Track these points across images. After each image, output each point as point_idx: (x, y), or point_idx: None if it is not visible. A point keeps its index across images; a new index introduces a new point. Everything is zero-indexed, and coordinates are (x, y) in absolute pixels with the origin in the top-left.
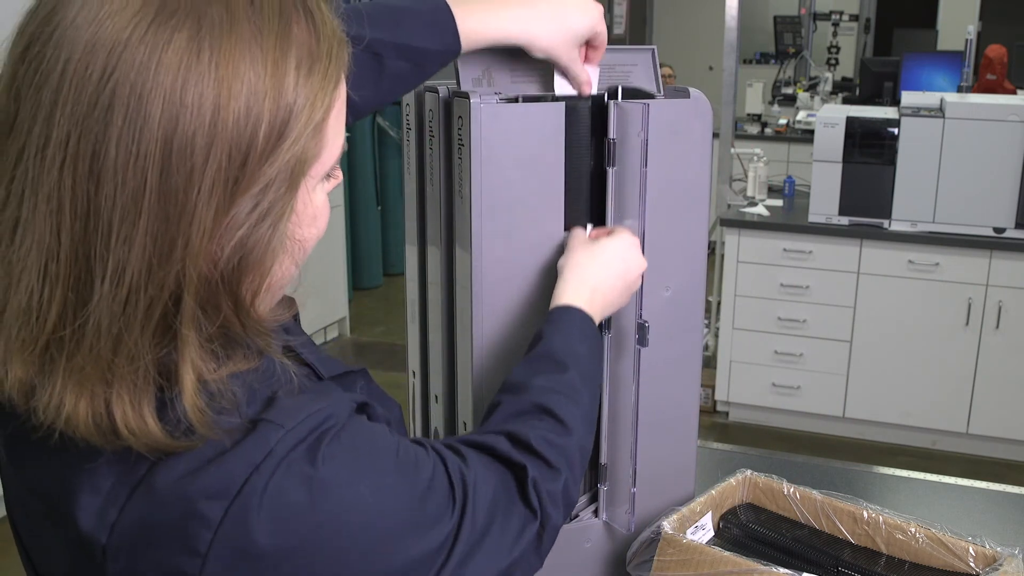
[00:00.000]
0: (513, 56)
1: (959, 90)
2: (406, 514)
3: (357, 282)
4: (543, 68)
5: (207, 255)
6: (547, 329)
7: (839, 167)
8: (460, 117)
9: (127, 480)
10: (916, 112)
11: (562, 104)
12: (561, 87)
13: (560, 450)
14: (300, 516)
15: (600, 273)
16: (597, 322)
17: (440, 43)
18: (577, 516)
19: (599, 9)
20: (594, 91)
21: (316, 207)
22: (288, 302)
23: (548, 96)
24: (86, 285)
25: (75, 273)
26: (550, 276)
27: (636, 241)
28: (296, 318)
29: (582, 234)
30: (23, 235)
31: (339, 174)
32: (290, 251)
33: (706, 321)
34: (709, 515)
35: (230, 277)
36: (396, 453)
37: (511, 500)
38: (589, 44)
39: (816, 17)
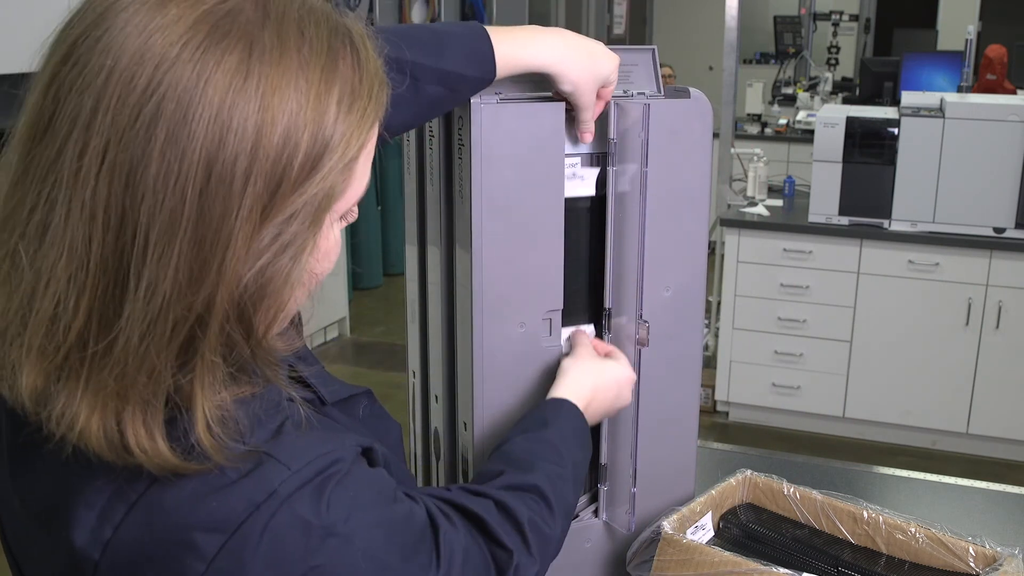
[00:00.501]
0: None
1: (959, 90)
2: (391, 568)
3: (357, 282)
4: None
5: (236, 280)
6: (552, 416)
7: (839, 167)
8: (460, 117)
9: (124, 498)
10: (916, 112)
11: (562, 104)
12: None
13: (544, 539)
14: (294, 562)
15: (600, 390)
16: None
17: (478, 70)
18: (577, 516)
19: (618, 59)
20: (589, 140)
21: (331, 243)
22: (297, 330)
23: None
24: (115, 299)
25: (103, 285)
26: (550, 276)
27: (633, 376)
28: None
29: (587, 340)
30: (52, 241)
31: (355, 213)
32: (306, 284)
33: (706, 321)
34: (709, 515)
35: (247, 305)
36: (393, 507)
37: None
38: (600, 90)
39: (816, 17)
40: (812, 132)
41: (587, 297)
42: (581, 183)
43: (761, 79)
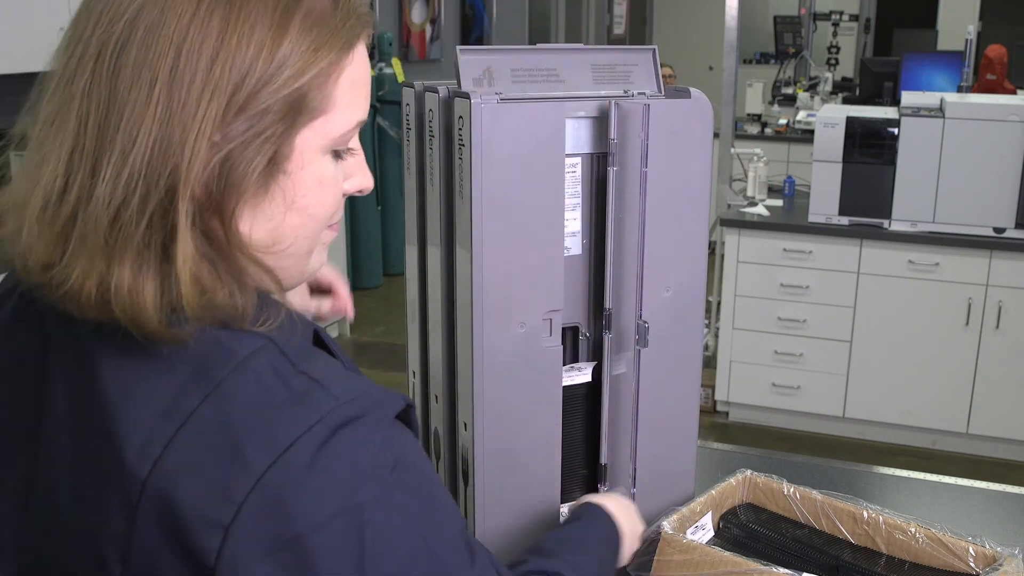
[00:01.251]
0: (513, 56)
1: (959, 90)
2: (430, 534)
3: (357, 282)
4: (544, 69)
5: (202, 160)
6: (585, 514)
7: (839, 167)
8: (460, 117)
9: (175, 415)
10: (916, 112)
11: (562, 104)
12: None
13: None
14: (337, 493)
15: (634, 530)
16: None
17: None
18: None
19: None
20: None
21: (321, 174)
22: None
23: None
24: (98, 167)
25: (94, 159)
26: (550, 276)
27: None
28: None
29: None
30: (58, 127)
31: (366, 179)
32: (285, 200)
33: (706, 321)
34: (709, 515)
35: (217, 188)
36: (435, 476)
37: None
38: None
39: (816, 17)
40: (812, 132)
41: (587, 300)
42: (579, 374)
43: (761, 79)
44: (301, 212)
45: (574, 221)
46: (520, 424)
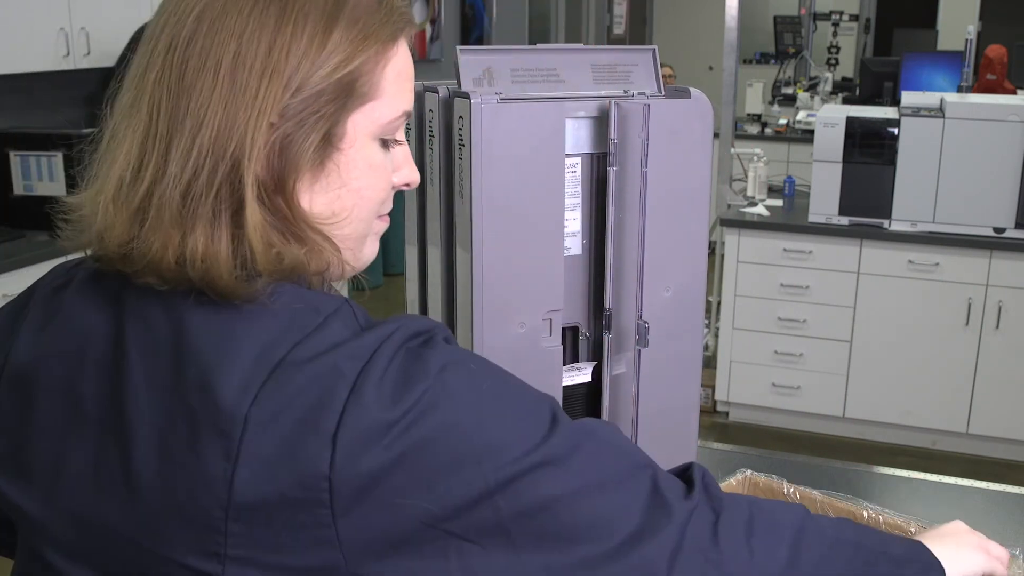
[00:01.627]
0: (513, 56)
1: (959, 90)
2: (520, 410)
3: (357, 282)
4: (544, 69)
5: (263, 137)
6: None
7: (839, 167)
8: (460, 117)
9: (269, 360)
10: (916, 112)
11: (562, 104)
12: None
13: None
14: (428, 376)
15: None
16: None
17: None
18: None
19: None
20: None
21: (372, 159)
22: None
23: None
24: (167, 148)
25: (167, 141)
26: (550, 276)
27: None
28: None
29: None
30: (132, 116)
31: (414, 173)
32: (338, 177)
33: (706, 321)
34: None
35: (277, 163)
36: (501, 369)
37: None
38: None
39: (816, 17)
40: (812, 132)
41: (587, 300)
42: (579, 374)
43: (761, 79)
44: (354, 193)
45: (574, 221)
46: None
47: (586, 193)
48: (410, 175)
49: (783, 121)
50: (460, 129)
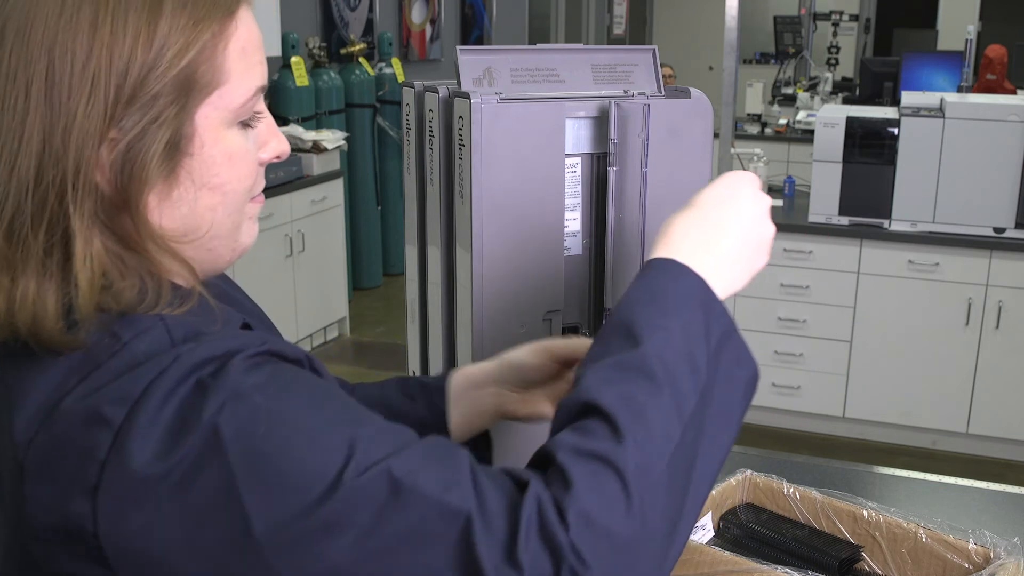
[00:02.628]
0: (513, 56)
1: (959, 90)
2: (306, 457)
3: (357, 282)
4: (544, 69)
5: (98, 162)
6: (631, 293)
7: (839, 167)
8: (460, 117)
9: (56, 396)
10: (916, 112)
11: (562, 104)
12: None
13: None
14: (195, 426)
15: (712, 222)
16: (721, 290)
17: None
18: None
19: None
20: None
21: (229, 148)
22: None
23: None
24: None
25: None
26: (550, 276)
27: (748, 177)
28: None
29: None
30: None
31: (282, 144)
32: (193, 182)
33: None
34: (709, 515)
35: (121, 184)
36: (317, 386)
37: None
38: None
39: (816, 17)
40: (812, 132)
41: (587, 297)
42: None
43: (761, 79)
44: (215, 190)
45: (574, 221)
46: (520, 424)
47: (586, 193)
48: (278, 147)
49: (783, 121)
50: (460, 129)
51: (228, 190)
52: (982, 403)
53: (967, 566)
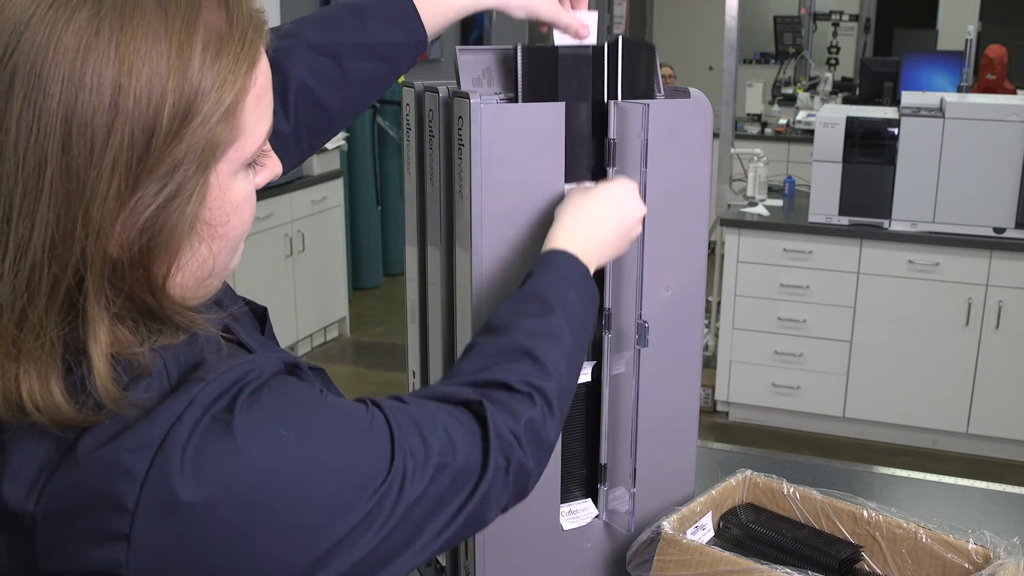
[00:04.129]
0: (513, 56)
1: (959, 90)
2: (339, 465)
3: (357, 282)
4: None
5: (114, 236)
6: (536, 270)
7: (839, 167)
8: (460, 117)
9: (58, 448)
10: (916, 112)
11: (562, 104)
12: (560, 38)
13: (538, 390)
14: (224, 465)
15: (595, 216)
16: (593, 269)
17: (405, 34)
18: (577, 515)
19: None
20: (592, 35)
21: (237, 196)
22: (227, 290)
23: (548, 46)
24: None
25: None
26: None
27: (634, 186)
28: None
29: (582, 185)
30: None
31: (275, 166)
32: (206, 237)
33: (706, 321)
34: (709, 515)
35: (140, 259)
36: (324, 405)
37: (468, 443)
38: None
39: (816, 17)
40: (812, 132)
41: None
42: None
43: (761, 79)
44: (222, 237)
45: None
46: None
47: None
48: (272, 171)
49: (783, 121)
50: (460, 129)
51: (234, 235)
52: (982, 403)
53: (967, 566)
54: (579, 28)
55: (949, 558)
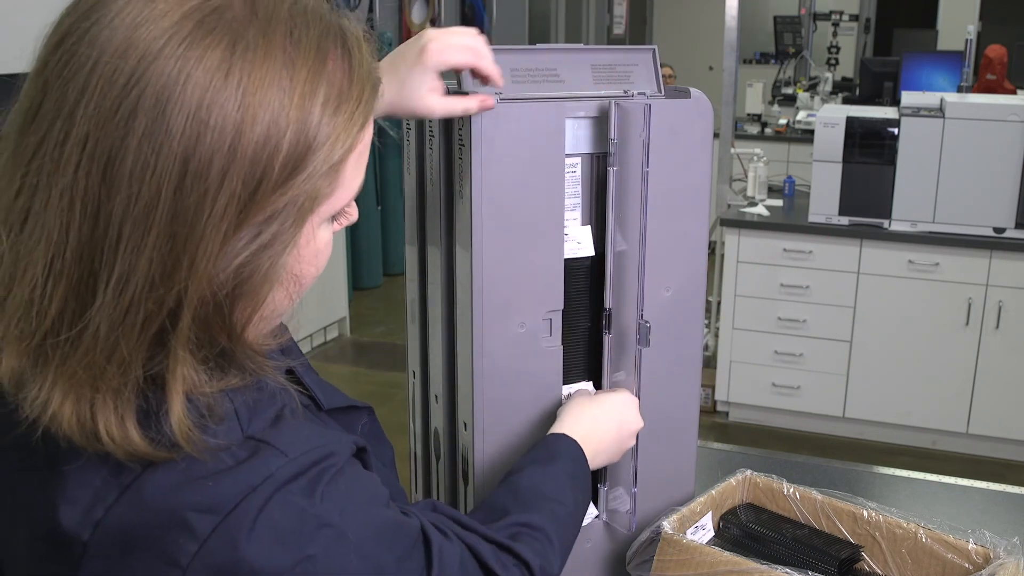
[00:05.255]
0: (513, 56)
1: (959, 90)
2: (383, 570)
3: (357, 282)
4: (544, 69)
5: (210, 278)
6: (558, 451)
7: (839, 167)
8: (460, 117)
9: (118, 479)
10: (916, 112)
11: (562, 104)
12: (467, 83)
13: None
14: (287, 548)
15: (596, 419)
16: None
17: None
18: None
19: (428, 33)
20: (499, 82)
21: (319, 245)
22: (280, 328)
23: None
24: (88, 288)
25: (79, 273)
26: (550, 276)
27: (635, 401)
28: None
29: (585, 389)
30: (33, 227)
31: (353, 213)
32: (286, 283)
33: (706, 321)
34: (709, 515)
35: (224, 302)
36: (385, 510)
37: None
38: (460, 66)
39: (816, 17)
40: (812, 132)
41: (587, 299)
42: (578, 247)
43: (761, 79)
44: (297, 282)
45: (574, 221)
46: (520, 424)
47: (586, 193)
48: (350, 219)
49: (783, 121)
50: (460, 129)
51: (308, 280)
52: (982, 403)
53: (967, 566)
54: (481, 103)
55: (949, 558)
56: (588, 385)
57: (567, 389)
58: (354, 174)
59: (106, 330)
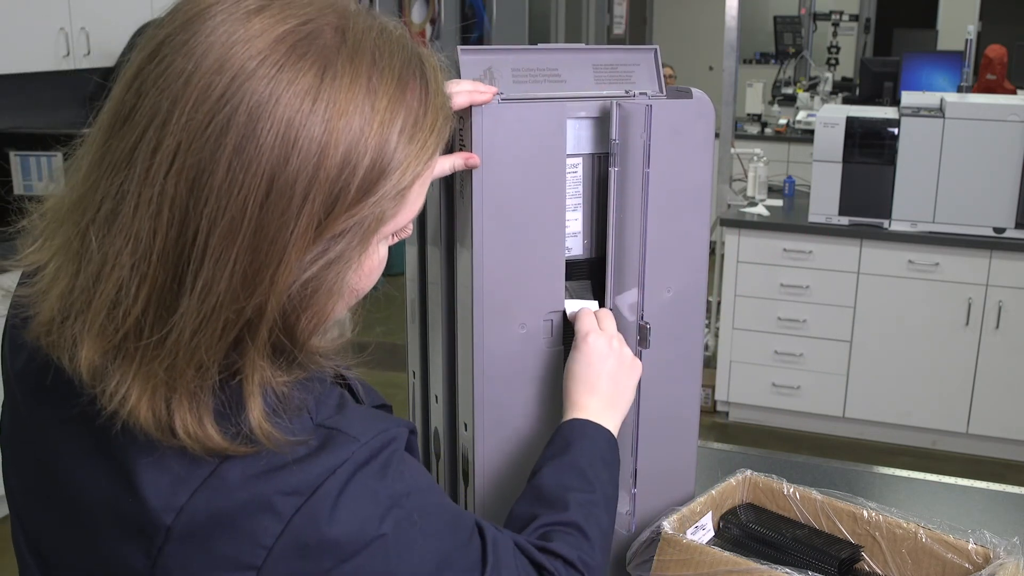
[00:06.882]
0: (514, 56)
1: (959, 90)
2: (445, 552)
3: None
4: (545, 69)
5: (285, 290)
6: (573, 437)
7: (839, 167)
8: (460, 117)
9: (201, 466)
10: (916, 112)
11: (563, 104)
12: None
13: (590, 571)
14: (364, 526)
15: (599, 377)
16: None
17: None
18: None
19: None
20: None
21: (377, 260)
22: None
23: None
24: (172, 293)
25: (163, 278)
26: (550, 276)
27: (609, 334)
28: None
29: (593, 323)
30: (120, 229)
31: (409, 230)
32: (345, 296)
33: (706, 321)
34: (709, 515)
35: (292, 314)
36: (444, 497)
37: None
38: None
39: (816, 17)
40: (812, 132)
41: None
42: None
43: (761, 79)
44: (353, 294)
45: (575, 221)
46: (520, 424)
47: (587, 193)
48: (404, 236)
49: (783, 121)
50: (460, 129)
51: (364, 292)
52: (982, 403)
53: (967, 566)
54: (467, 160)
55: (949, 558)
56: (593, 304)
57: (571, 306)
58: (418, 197)
59: (188, 336)
